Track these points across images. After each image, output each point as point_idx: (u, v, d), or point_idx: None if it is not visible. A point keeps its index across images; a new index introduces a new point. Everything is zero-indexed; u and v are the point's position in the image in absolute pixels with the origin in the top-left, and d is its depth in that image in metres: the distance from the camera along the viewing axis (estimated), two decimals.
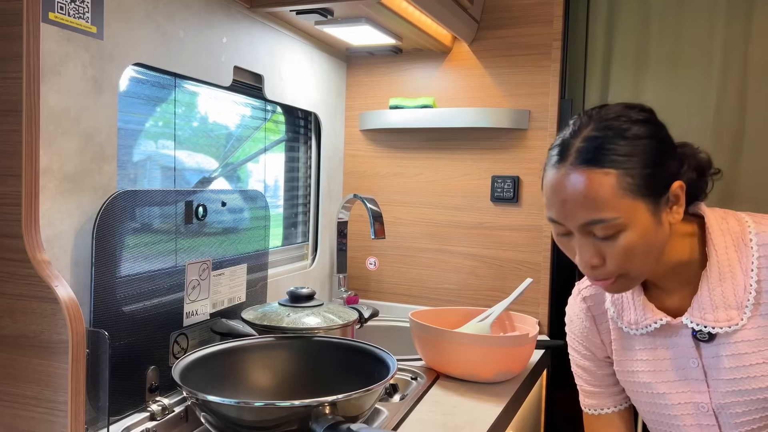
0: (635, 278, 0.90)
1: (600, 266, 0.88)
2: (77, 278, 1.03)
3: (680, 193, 0.88)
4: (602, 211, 0.83)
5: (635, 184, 0.83)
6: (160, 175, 1.36)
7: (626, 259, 0.86)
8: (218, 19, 1.36)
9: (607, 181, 0.83)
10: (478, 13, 1.81)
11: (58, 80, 0.99)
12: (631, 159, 0.84)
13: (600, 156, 0.84)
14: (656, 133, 0.88)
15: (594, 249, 0.87)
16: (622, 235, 0.85)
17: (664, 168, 0.87)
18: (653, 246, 0.87)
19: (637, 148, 0.85)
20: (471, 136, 1.86)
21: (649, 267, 0.90)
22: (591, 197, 0.83)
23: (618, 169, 0.83)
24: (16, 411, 0.92)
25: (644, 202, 0.84)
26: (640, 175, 0.84)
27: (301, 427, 0.92)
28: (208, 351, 1.13)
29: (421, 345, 1.42)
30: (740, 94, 1.71)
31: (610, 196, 0.83)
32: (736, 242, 0.91)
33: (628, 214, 0.84)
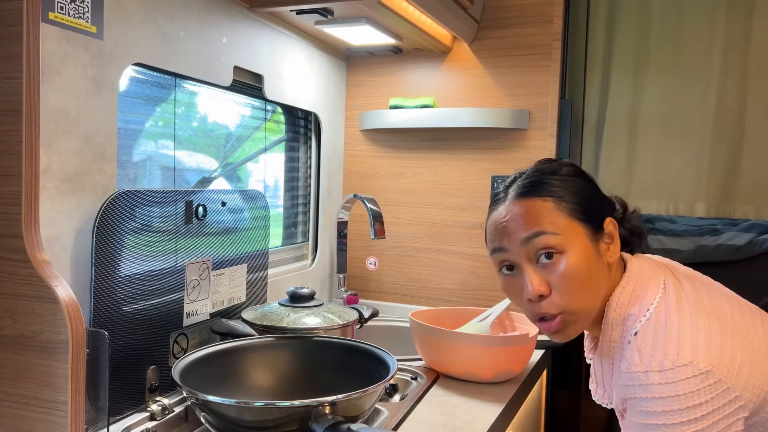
0: (580, 316, 0.89)
1: (547, 295, 0.87)
2: (77, 278, 1.03)
3: (613, 230, 0.91)
4: (542, 224, 0.86)
5: (570, 208, 0.88)
6: (160, 175, 1.36)
7: (570, 286, 0.86)
8: (218, 19, 1.36)
9: (545, 204, 0.88)
10: (478, 13, 1.80)
11: (58, 80, 0.99)
12: (564, 191, 0.89)
13: (536, 188, 0.89)
14: (585, 176, 0.94)
15: (540, 277, 0.87)
16: (564, 257, 0.86)
17: (594, 202, 0.91)
18: (594, 275, 0.88)
19: (568, 182, 0.90)
20: (471, 136, 1.86)
21: (590, 302, 0.89)
22: (531, 216, 0.87)
23: (554, 197, 0.88)
24: (16, 411, 0.92)
25: (581, 226, 0.88)
26: (573, 201, 0.88)
27: (301, 427, 0.92)
28: (208, 351, 1.13)
29: (421, 345, 1.42)
30: (740, 95, 1.71)
31: (549, 214, 0.87)
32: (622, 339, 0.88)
33: (567, 233, 0.87)
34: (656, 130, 1.79)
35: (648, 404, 0.80)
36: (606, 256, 0.90)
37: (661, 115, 1.79)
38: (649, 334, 0.83)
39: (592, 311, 0.90)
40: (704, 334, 0.81)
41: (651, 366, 0.80)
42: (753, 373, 0.80)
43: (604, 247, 0.90)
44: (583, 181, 0.92)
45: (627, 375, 0.83)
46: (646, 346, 0.82)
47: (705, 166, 1.74)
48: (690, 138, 1.76)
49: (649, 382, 0.80)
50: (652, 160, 1.80)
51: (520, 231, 0.88)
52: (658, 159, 1.80)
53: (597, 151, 1.86)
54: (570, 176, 0.91)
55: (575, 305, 0.88)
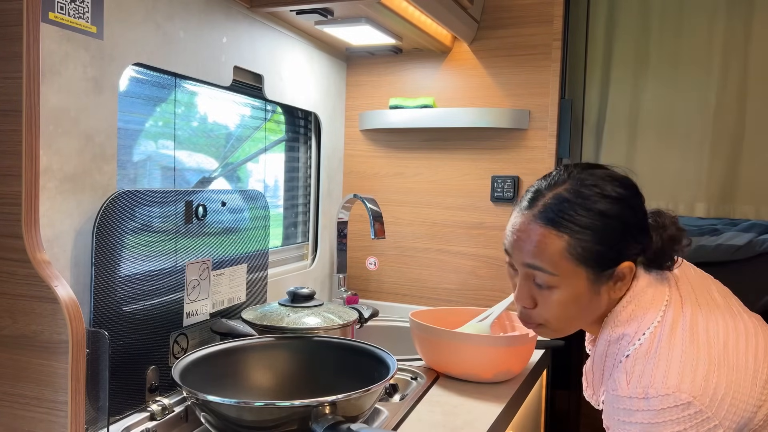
0: (555, 332, 0.95)
1: (529, 309, 0.94)
2: (77, 278, 1.03)
3: (627, 273, 0.90)
4: (543, 263, 0.89)
5: (582, 254, 0.87)
6: (160, 175, 1.36)
7: (553, 314, 0.92)
8: (218, 19, 1.36)
9: (558, 242, 0.88)
10: (478, 13, 1.81)
11: (58, 80, 0.99)
12: (587, 232, 0.87)
13: (560, 219, 0.88)
14: (623, 215, 0.89)
15: (529, 293, 0.93)
16: (556, 291, 0.90)
17: (617, 248, 0.89)
18: (582, 311, 0.92)
19: (596, 224, 0.88)
20: (471, 136, 1.86)
21: (572, 328, 0.95)
22: (539, 249, 0.89)
23: (572, 236, 0.87)
24: (16, 411, 0.92)
25: (586, 271, 0.88)
26: (590, 248, 0.87)
27: (301, 427, 0.92)
28: (208, 351, 1.13)
29: (421, 345, 1.42)
30: (740, 95, 1.71)
31: (556, 255, 0.88)
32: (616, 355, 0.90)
33: (567, 276, 0.88)
34: (656, 129, 1.79)
35: (630, 427, 0.83)
36: (609, 292, 0.91)
37: (661, 115, 1.79)
38: (639, 359, 0.86)
39: (571, 331, 0.96)
40: (691, 366, 0.83)
41: (636, 393, 0.83)
42: (735, 402, 0.82)
43: (609, 286, 0.90)
44: (618, 223, 0.88)
45: (612, 396, 0.86)
46: (635, 371, 0.85)
47: (705, 166, 1.74)
48: (690, 138, 1.75)
49: (632, 408, 0.83)
50: (652, 160, 1.80)
51: (523, 254, 0.91)
52: (658, 159, 1.79)
53: (597, 151, 1.86)
54: (604, 215, 0.88)
55: (556, 325, 0.94)
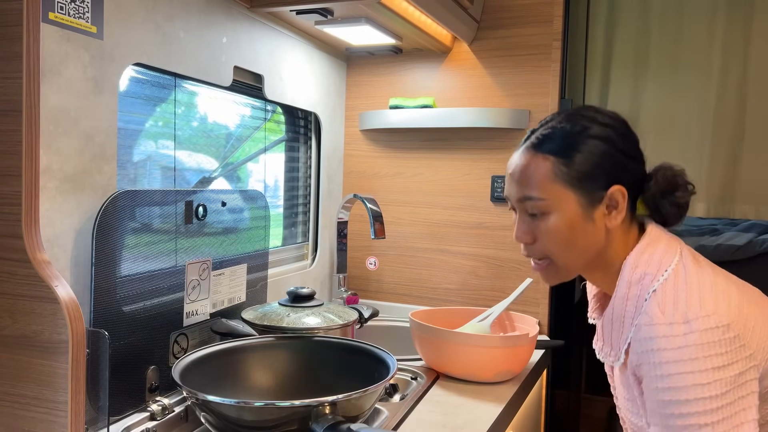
0: (561, 267, 0.96)
1: (530, 244, 0.96)
2: (77, 278, 1.03)
3: (620, 198, 0.91)
4: (532, 190, 0.92)
5: (568, 175, 0.90)
6: (160, 175, 1.36)
7: (550, 242, 0.93)
8: (218, 19, 1.36)
9: (544, 165, 0.91)
10: (478, 13, 1.81)
11: (58, 80, 0.99)
12: (573, 152, 0.91)
13: (545, 143, 0.92)
14: (610, 136, 0.92)
15: (526, 227, 0.95)
16: (549, 217, 0.92)
17: (605, 170, 0.91)
18: (578, 238, 0.92)
19: (583, 145, 0.91)
20: (471, 136, 1.86)
21: (574, 259, 0.94)
22: (527, 175, 0.93)
23: (557, 157, 0.91)
24: (16, 411, 0.92)
25: (575, 193, 0.91)
26: (576, 168, 0.90)
27: (301, 427, 0.92)
28: (208, 351, 1.13)
29: (421, 345, 1.42)
30: (740, 95, 1.71)
31: (543, 179, 0.91)
32: (637, 299, 0.90)
33: (556, 199, 0.91)
34: (656, 130, 1.79)
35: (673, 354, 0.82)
36: (604, 221, 0.92)
37: (661, 115, 1.79)
38: (669, 290, 0.86)
39: (575, 266, 0.96)
40: (723, 292, 0.85)
41: (675, 318, 0.83)
42: (763, 336, 0.84)
43: (602, 213, 0.92)
44: (606, 146, 0.91)
45: (648, 328, 0.84)
46: (668, 300, 0.85)
47: (705, 166, 1.74)
48: (690, 138, 1.76)
49: (673, 334, 0.82)
50: (652, 159, 1.80)
51: (515, 189, 0.95)
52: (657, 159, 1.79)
53: None
54: (590, 136, 0.91)
55: (557, 258, 0.95)
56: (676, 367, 0.81)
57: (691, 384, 0.80)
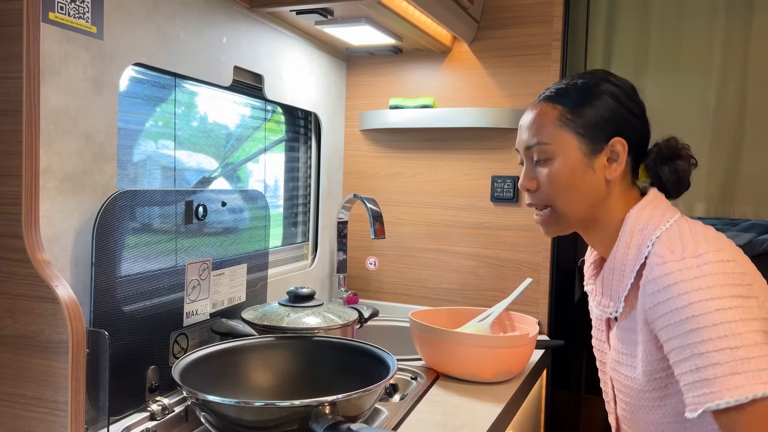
0: (562, 215, 0.99)
1: (533, 192, 1.01)
2: (77, 278, 1.03)
3: (620, 150, 0.97)
4: (538, 135, 0.98)
5: (573, 121, 0.96)
6: (160, 175, 1.36)
7: (552, 187, 0.98)
8: (218, 19, 1.36)
9: (552, 112, 0.98)
10: (478, 13, 1.81)
11: (58, 80, 0.99)
12: (581, 103, 0.97)
13: (556, 95, 0.99)
14: (615, 93, 0.98)
15: (531, 175, 1.01)
16: (553, 162, 0.97)
17: (608, 121, 0.97)
18: (578, 185, 0.97)
19: (591, 98, 0.97)
20: (471, 136, 1.86)
21: (574, 207, 0.98)
22: (536, 123, 0.99)
23: (564, 106, 0.97)
24: (16, 411, 0.92)
25: (577, 140, 0.96)
26: (581, 116, 0.96)
27: (301, 427, 0.92)
28: (208, 351, 1.13)
29: (421, 345, 1.42)
30: (740, 95, 1.71)
31: (550, 124, 0.97)
32: (639, 246, 0.94)
33: (559, 144, 0.97)
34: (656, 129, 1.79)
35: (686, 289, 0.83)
36: (604, 171, 0.97)
37: (660, 114, 1.79)
38: (674, 234, 0.91)
39: (573, 217, 0.99)
40: (725, 242, 0.90)
41: (685, 254, 0.86)
42: (763, 290, 0.87)
43: (602, 164, 0.97)
44: (614, 102, 0.97)
45: (660, 267, 0.87)
46: (674, 241, 0.89)
47: (705, 166, 1.74)
48: (690, 138, 1.75)
49: (687, 266, 0.84)
50: None
51: (526, 138, 1.00)
52: None
53: None
54: (597, 91, 0.97)
55: (557, 204, 0.99)
56: (696, 296, 0.82)
57: (714, 309, 0.81)
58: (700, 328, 0.81)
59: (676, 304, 0.84)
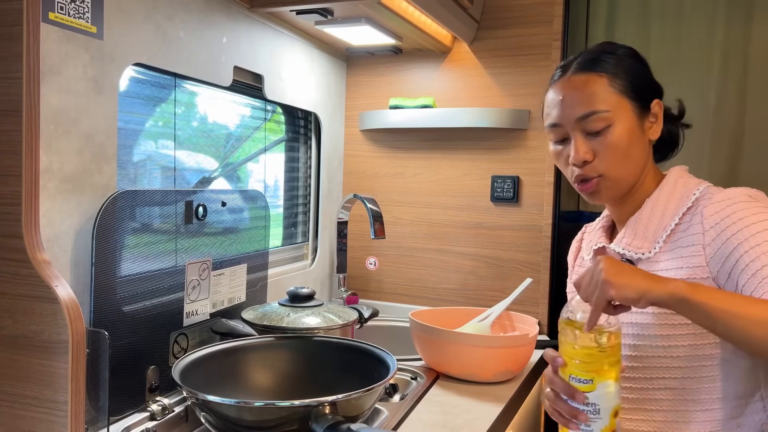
0: (613, 182, 1.01)
1: (589, 162, 1.00)
2: (77, 278, 1.03)
3: (659, 111, 1.02)
4: (595, 104, 0.98)
5: (623, 86, 0.99)
6: (160, 175, 1.36)
7: (610, 155, 0.99)
8: (218, 19, 1.36)
9: (600, 80, 0.99)
10: (478, 13, 1.80)
11: (58, 80, 0.99)
12: (619, 69, 1.00)
13: (595, 64, 1.00)
14: (639, 58, 1.04)
15: (587, 146, 0.99)
16: (611, 129, 0.98)
17: (647, 84, 1.02)
18: (635, 149, 1.00)
19: (623, 62, 1.01)
20: (471, 136, 1.86)
21: (631, 170, 1.01)
22: (587, 93, 0.98)
23: (609, 74, 0.99)
24: (16, 411, 0.92)
25: (630, 103, 0.99)
26: (627, 81, 0.99)
27: (301, 427, 0.92)
28: (208, 351, 1.13)
29: (421, 345, 1.42)
30: (740, 96, 1.71)
31: (603, 92, 0.98)
32: (684, 193, 1.00)
33: (617, 109, 0.98)
34: None
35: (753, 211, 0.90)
36: (648, 133, 1.02)
37: None
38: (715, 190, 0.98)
39: (627, 180, 1.02)
40: None
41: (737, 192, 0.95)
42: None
43: (648, 125, 1.02)
44: (637, 63, 1.02)
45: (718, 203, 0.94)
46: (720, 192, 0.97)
47: (705, 165, 1.74)
48: (690, 137, 1.75)
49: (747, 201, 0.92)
50: None
51: (575, 109, 0.99)
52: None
53: None
54: (625, 56, 1.02)
55: (614, 171, 1.00)
56: (766, 214, 0.90)
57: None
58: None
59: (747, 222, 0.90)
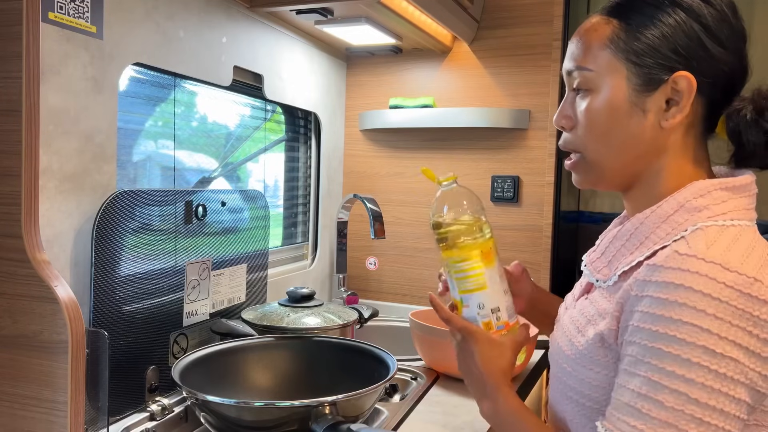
0: (592, 165, 0.79)
1: (567, 130, 0.81)
2: (77, 278, 1.03)
3: (685, 89, 0.73)
4: (580, 58, 0.78)
5: (625, 43, 0.74)
6: (159, 175, 1.36)
7: (588, 129, 0.78)
8: (218, 18, 1.36)
9: (605, 28, 0.76)
10: (478, 12, 1.80)
11: (58, 80, 0.99)
12: (645, 19, 0.74)
13: (618, 8, 0.77)
14: (702, 16, 0.73)
15: (569, 108, 0.80)
16: (592, 95, 0.77)
17: (676, 48, 0.73)
18: (618, 128, 0.76)
19: (659, 13, 0.73)
20: (471, 136, 1.86)
21: (608, 157, 0.78)
22: (583, 42, 0.78)
23: (620, 21, 0.75)
24: (15, 411, 0.92)
25: (626, 68, 0.74)
26: (638, 38, 0.74)
27: (301, 427, 0.92)
28: (208, 351, 1.13)
29: (421, 345, 1.42)
30: None
31: (597, 44, 0.76)
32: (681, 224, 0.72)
33: (604, 72, 0.76)
34: None
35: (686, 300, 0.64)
36: (659, 115, 0.74)
37: None
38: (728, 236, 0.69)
39: (610, 167, 0.79)
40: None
41: (720, 261, 0.65)
42: None
43: (658, 104, 0.74)
44: (690, 19, 0.73)
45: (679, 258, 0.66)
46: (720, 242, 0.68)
47: None
48: None
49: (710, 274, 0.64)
50: None
51: (568, 59, 0.80)
52: None
53: None
54: (677, 6, 0.73)
55: (591, 153, 0.79)
56: (695, 317, 0.63)
57: (701, 344, 0.63)
58: (674, 355, 0.64)
59: (666, 311, 0.65)
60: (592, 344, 0.75)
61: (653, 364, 0.66)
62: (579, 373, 0.78)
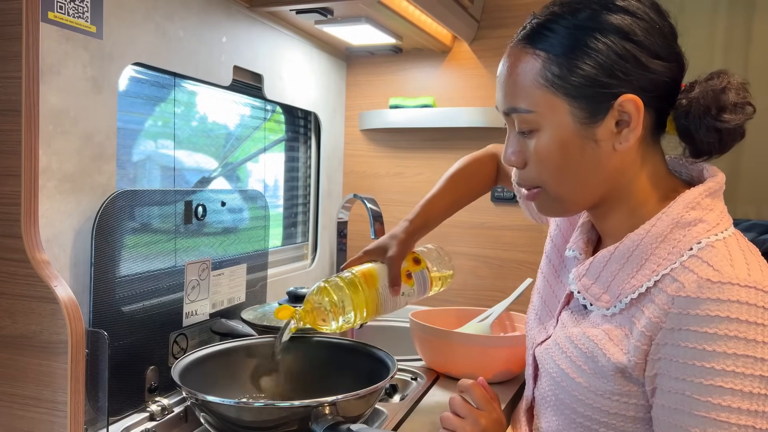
0: (555, 198, 0.77)
1: (520, 167, 0.78)
2: (77, 278, 1.03)
3: (633, 111, 0.71)
4: (518, 99, 0.74)
5: (560, 78, 0.70)
6: (159, 175, 1.36)
7: (541, 167, 0.75)
8: (218, 18, 1.36)
9: (532, 64, 0.72)
10: (478, 12, 1.80)
11: (58, 80, 0.98)
12: (573, 49, 0.70)
13: (537, 35, 0.72)
14: (631, 31, 0.71)
15: (517, 146, 0.77)
16: (538, 135, 0.74)
17: (615, 73, 0.70)
18: (573, 163, 0.73)
19: (588, 40, 0.70)
20: (471, 136, 1.86)
21: (570, 190, 0.76)
22: (512, 80, 0.74)
23: (549, 54, 0.71)
24: (15, 411, 0.92)
25: (568, 103, 0.71)
26: (573, 70, 0.70)
27: (301, 427, 0.92)
28: (207, 351, 1.13)
29: (421, 345, 1.42)
30: None
31: (529, 83, 0.72)
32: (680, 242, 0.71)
33: (544, 111, 0.72)
34: None
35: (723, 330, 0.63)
36: (614, 142, 0.72)
37: None
38: (734, 249, 0.68)
39: (575, 199, 0.77)
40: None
41: (732, 278, 0.64)
42: None
43: (608, 130, 0.72)
44: (622, 41, 0.70)
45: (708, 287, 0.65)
46: (736, 257, 0.66)
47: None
48: None
49: (751, 300, 0.63)
50: None
51: (501, 99, 0.77)
52: None
53: None
54: (602, 30, 0.70)
55: (553, 188, 0.76)
56: (745, 347, 0.62)
57: (758, 374, 0.62)
58: (735, 390, 0.63)
59: (717, 346, 0.64)
60: (611, 375, 0.74)
61: (714, 403, 0.64)
62: (594, 401, 0.76)
